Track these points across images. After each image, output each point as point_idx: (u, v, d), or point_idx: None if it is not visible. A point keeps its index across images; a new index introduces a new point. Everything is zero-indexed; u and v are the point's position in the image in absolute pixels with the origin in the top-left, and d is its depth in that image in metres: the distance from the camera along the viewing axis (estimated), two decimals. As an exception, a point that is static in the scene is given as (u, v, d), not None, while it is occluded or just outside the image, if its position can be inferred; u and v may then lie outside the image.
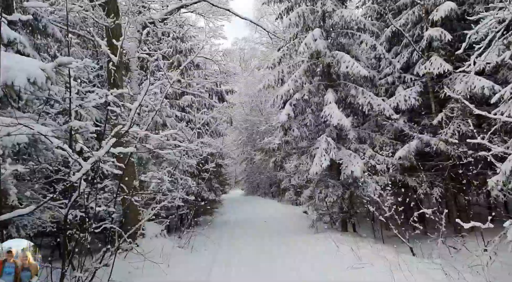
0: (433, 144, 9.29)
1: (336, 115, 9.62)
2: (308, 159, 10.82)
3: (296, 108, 10.67)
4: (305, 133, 10.87)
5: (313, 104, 11.08)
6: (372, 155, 9.95)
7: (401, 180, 9.58)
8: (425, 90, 10.38)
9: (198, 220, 14.41)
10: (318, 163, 9.57)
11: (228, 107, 18.52)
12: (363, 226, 12.28)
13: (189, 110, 12.86)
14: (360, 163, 9.50)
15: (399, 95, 10.28)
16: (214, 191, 15.66)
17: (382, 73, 11.43)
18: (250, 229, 13.21)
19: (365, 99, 10.04)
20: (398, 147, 10.00)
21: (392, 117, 9.83)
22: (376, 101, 9.93)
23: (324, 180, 10.75)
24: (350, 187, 10.18)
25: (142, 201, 9.37)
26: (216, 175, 17.01)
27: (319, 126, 11.08)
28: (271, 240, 10.61)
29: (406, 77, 10.89)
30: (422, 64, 10.15)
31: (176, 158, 9.64)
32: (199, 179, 12.04)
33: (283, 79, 11.32)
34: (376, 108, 9.88)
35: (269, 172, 27.08)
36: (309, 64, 10.86)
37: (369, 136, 10.70)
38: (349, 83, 10.67)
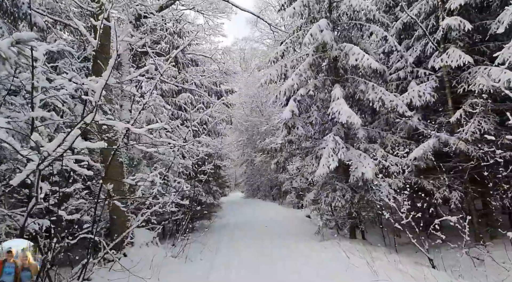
0: (452, 143, 8.37)
1: (345, 111, 8.72)
2: (313, 160, 9.91)
3: (300, 104, 9.75)
4: (310, 131, 9.94)
5: (319, 100, 10.17)
6: (384, 155, 9.03)
7: (416, 183, 8.66)
8: (440, 85, 9.47)
9: (194, 225, 13.47)
10: (325, 164, 8.65)
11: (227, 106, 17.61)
12: (370, 232, 11.35)
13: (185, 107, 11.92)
14: (371, 164, 8.59)
15: (412, 90, 9.38)
16: (213, 194, 14.72)
17: (393, 67, 10.53)
18: (250, 233, 12.28)
19: (376, 94, 9.14)
20: (412, 147, 9.09)
21: (406, 114, 8.92)
22: (388, 96, 9.03)
23: (331, 182, 9.83)
24: (359, 190, 9.26)
25: (132, 206, 8.47)
26: (214, 177, 16.08)
27: (325, 125, 10.17)
28: (272, 244, 9.72)
29: (419, 71, 9.99)
30: (438, 56, 9.27)
31: (169, 158, 8.75)
32: (195, 181, 11.12)
33: (286, 74, 10.42)
34: (388, 105, 8.97)
35: (270, 174, 26.16)
36: (315, 57, 9.96)
37: (380, 135, 9.78)
38: (357, 78, 9.77)
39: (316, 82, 9.78)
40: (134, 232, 8.29)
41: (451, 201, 8.61)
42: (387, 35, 9.68)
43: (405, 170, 8.07)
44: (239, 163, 32.54)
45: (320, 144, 9.79)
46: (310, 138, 10.40)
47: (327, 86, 10.04)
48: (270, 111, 25.87)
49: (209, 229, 13.39)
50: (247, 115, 28.61)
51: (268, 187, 28.41)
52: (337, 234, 11.28)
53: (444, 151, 8.74)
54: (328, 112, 9.43)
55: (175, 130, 10.27)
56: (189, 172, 10.54)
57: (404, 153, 8.17)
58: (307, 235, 11.04)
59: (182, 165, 9.57)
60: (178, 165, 8.55)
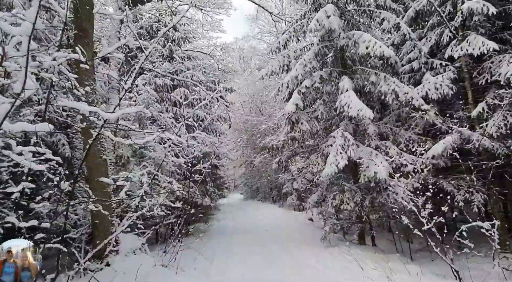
0: (475, 139, 7.44)
1: (355, 104, 7.78)
2: (318, 159, 8.97)
3: (305, 97, 8.81)
4: (316, 127, 9.00)
5: (325, 93, 9.22)
6: (397, 153, 8.10)
7: (435, 183, 7.71)
8: (459, 77, 8.55)
9: (190, 229, 12.50)
10: (333, 163, 7.71)
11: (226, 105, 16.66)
12: (378, 237, 10.34)
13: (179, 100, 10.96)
14: (384, 162, 7.65)
15: (427, 82, 8.45)
16: (210, 196, 13.75)
17: (405, 58, 9.60)
18: (250, 238, 11.32)
19: (389, 86, 8.21)
20: (428, 144, 8.16)
21: (422, 107, 7.99)
22: (403, 88, 8.10)
23: (338, 183, 8.89)
24: (371, 192, 8.31)
25: (118, 209, 7.51)
26: (212, 178, 15.13)
27: (331, 120, 9.22)
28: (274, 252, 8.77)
29: (434, 62, 9.06)
30: (456, 45, 8.35)
31: (159, 156, 7.81)
32: (190, 182, 10.17)
33: (289, 66, 9.49)
34: (402, 97, 8.04)
35: (270, 175, 25.23)
36: (320, 46, 9.04)
37: (392, 132, 8.85)
38: (368, 69, 8.85)
39: (322, 74, 8.85)
40: (120, 239, 7.31)
41: (473, 203, 7.66)
42: (400, 22, 8.76)
43: (424, 170, 7.10)
44: (238, 164, 31.57)
45: (326, 141, 8.86)
46: (315, 135, 9.45)
47: (334, 78, 9.11)
48: (270, 110, 24.97)
49: (206, 234, 12.42)
50: (246, 115, 27.68)
51: (268, 188, 27.47)
52: (343, 239, 10.35)
53: (462, 148, 7.79)
54: (335, 106, 8.51)
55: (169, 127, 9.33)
56: (183, 171, 9.58)
57: (422, 150, 7.22)
58: (312, 240, 10.08)
59: (174, 164, 8.63)
60: (170, 163, 7.59)
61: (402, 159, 7.96)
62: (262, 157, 23.75)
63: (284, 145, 9.68)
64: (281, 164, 10.28)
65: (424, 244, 9.66)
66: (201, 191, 12.70)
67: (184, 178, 10.30)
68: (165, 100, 12.54)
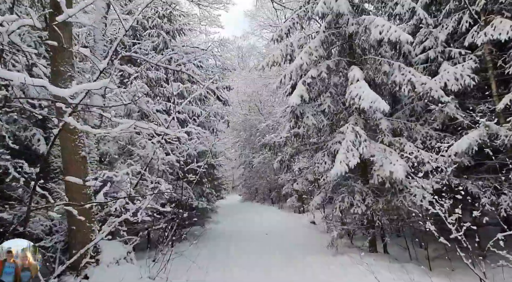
0: (503, 135, 6.53)
1: (367, 95, 6.87)
2: (325, 157, 8.04)
3: (311, 89, 7.89)
4: (323, 122, 8.06)
5: (332, 85, 8.30)
6: (414, 150, 7.19)
7: (457, 184, 6.78)
8: (481, 66, 7.66)
9: (184, 234, 11.53)
10: (344, 161, 6.79)
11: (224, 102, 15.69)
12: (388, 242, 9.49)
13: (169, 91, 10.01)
14: (400, 161, 6.74)
15: (446, 72, 7.55)
16: (206, 197, 12.80)
17: (418, 49, 8.71)
18: (249, 244, 10.38)
19: (404, 76, 7.31)
20: (448, 141, 7.26)
21: (442, 99, 7.08)
22: (420, 78, 7.20)
23: (347, 184, 7.97)
24: (385, 194, 7.39)
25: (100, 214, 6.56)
26: (208, 178, 14.17)
27: (339, 114, 8.30)
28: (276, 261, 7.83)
29: (452, 51, 8.17)
30: (478, 31, 7.48)
31: (148, 153, 6.88)
32: (184, 182, 9.23)
33: (292, 55, 8.58)
34: (419, 89, 7.14)
35: (269, 176, 24.30)
36: (327, 34, 8.14)
37: (406, 127, 7.93)
38: (379, 58, 7.94)
39: (329, 63, 7.94)
40: (101, 247, 6.36)
41: (500, 207, 6.75)
42: (415, 6, 7.86)
43: (446, 168, 6.17)
44: (237, 165, 30.63)
45: (334, 138, 7.95)
46: (321, 131, 8.52)
47: (342, 68, 8.20)
48: (269, 109, 24.06)
49: (201, 239, 11.45)
50: (245, 115, 26.76)
51: (267, 190, 26.52)
52: (350, 245, 9.43)
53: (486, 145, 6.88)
54: (344, 99, 7.60)
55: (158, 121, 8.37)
56: (176, 171, 8.64)
57: (446, 147, 6.31)
58: (317, 247, 9.15)
59: (165, 163, 7.69)
60: (159, 161, 6.64)
61: (420, 157, 7.05)
62: (261, 157, 22.84)
63: (286, 142, 8.75)
64: (283, 163, 9.34)
65: (440, 251, 8.76)
66: (197, 192, 11.75)
67: (178, 179, 9.36)
68: (158, 95, 11.60)
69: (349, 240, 9.67)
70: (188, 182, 9.78)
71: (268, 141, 8.99)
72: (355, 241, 9.71)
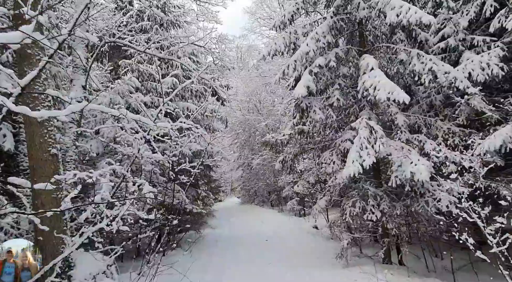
0: (541, 131, 5.60)
1: (384, 85, 5.94)
2: (333, 156, 7.09)
3: (318, 79, 6.95)
4: (331, 117, 7.10)
5: (341, 77, 7.36)
6: (436, 149, 6.24)
7: (488, 187, 5.84)
8: (509, 55, 6.74)
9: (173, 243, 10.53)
10: (357, 160, 5.84)
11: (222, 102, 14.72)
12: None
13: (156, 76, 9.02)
14: (423, 160, 5.79)
15: (470, 62, 6.62)
16: (202, 201, 11.82)
17: (436, 36, 7.79)
18: (247, 253, 9.40)
19: (424, 65, 6.38)
20: (474, 138, 6.33)
21: (468, 91, 6.15)
22: (442, 67, 6.27)
23: (357, 187, 7.02)
24: (403, 198, 6.44)
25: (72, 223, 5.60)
26: (205, 180, 13.19)
27: (349, 109, 7.35)
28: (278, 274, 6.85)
29: (475, 39, 7.26)
30: (507, 15, 6.56)
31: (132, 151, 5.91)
32: (175, 184, 8.28)
33: (296, 43, 7.65)
34: (442, 79, 6.20)
35: (269, 178, 23.30)
36: (335, 19, 7.21)
37: (425, 123, 6.99)
38: (394, 46, 7.02)
39: (338, 51, 7.00)
40: (75, 261, 5.40)
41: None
42: (434, -13, 6.96)
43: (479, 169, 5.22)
44: (236, 167, 29.61)
45: (344, 135, 7.00)
46: (329, 127, 7.57)
47: (352, 57, 7.27)
48: (268, 109, 23.13)
49: (196, 245, 10.47)
50: (244, 115, 25.81)
51: (266, 192, 25.51)
52: (360, 253, 8.47)
53: None
54: (355, 91, 6.69)
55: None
56: (167, 172, 7.66)
57: (478, 144, 5.37)
58: (323, 257, 8.18)
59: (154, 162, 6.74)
60: (142, 160, 5.67)
61: (442, 156, 6.11)
62: (261, 159, 21.87)
63: (290, 140, 7.80)
64: (285, 163, 8.36)
65: (459, 261, 7.82)
66: (192, 195, 10.78)
67: (170, 180, 8.39)
68: (150, 91, 10.64)
69: (357, 248, 8.71)
70: (181, 184, 8.82)
71: (269, 139, 8.03)
72: (365, 249, 8.76)
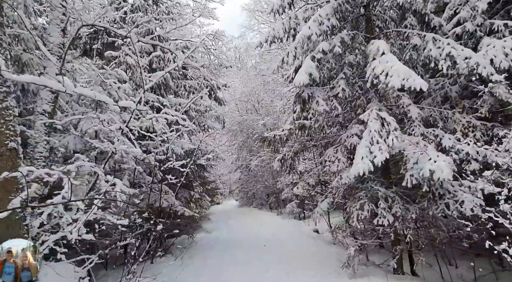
0: None
1: (397, 70, 5.14)
2: (339, 154, 6.28)
3: (321, 66, 6.16)
4: (336, 110, 6.28)
5: (346, 65, 6.56)
6: (455, 144, 5.46)
7: None
8: (535, 40, 5.96)
9: (168, 245, 9.71)
10: (367, 157, 5.04)
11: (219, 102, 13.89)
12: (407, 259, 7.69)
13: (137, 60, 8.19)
14: (443, 157, 4.98)
15: (491, 47, 5.84)
16: (196, 203, 10.99)
17: (451, 22, 7.01)
18: (245, 260, 8.56)
19: (440, 50, 5.60)
20: (497, 132, 5.56)
21: (492, 78, 5.36)
22: (462, 52, 5.49)
23: (366, 187, 6.21)
24: (418, 200, 5.63)
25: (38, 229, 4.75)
26: (200, 181, 12.36)
27: (356, 101, 6.53)
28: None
29: (494, 23, 6.48)
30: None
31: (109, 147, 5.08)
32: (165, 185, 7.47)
33: (296, 29, 6.85)
34: (462, 65, 5.41)
35: (267, 180, 22.47)
36: (340, 2, 6.43)
37: (441, 116, 6.19)
38: (406, 30, 6.23)
39: (343, 36, 6.21)
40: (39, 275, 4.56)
41: None
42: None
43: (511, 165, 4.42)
44: (233, 169, 28.78)
45: (350, 129, 6.20)
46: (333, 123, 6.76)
47: (359, 44, 6.47)
48: (267, 109, 22.35)
49: (189, 251, 9.63)
50: (241, 115, 25.02)
51: (264, 194, 24.67)
52: (366, 261, 7.63)
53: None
54: (362, 82, 5.90)
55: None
56: (154, 171, 6.83)
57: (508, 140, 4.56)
58: (327, 264, 7.35)
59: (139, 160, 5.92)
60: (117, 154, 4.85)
61: (463, 152, 5.32)
62: (259, 160, 21.06)
63: (289, 136, 6.98)
64: (285, 162, 7.54)
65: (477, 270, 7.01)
66: (184, 197, 9.94)
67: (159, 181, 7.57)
68: (140, 86, 9.83)
69: (363, 255, 7.88)
70: (171, 185, 7.99)
71: (267, 134, 7.21)
72: (372, 256, 7.94)
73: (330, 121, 6.83)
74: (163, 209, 7.92)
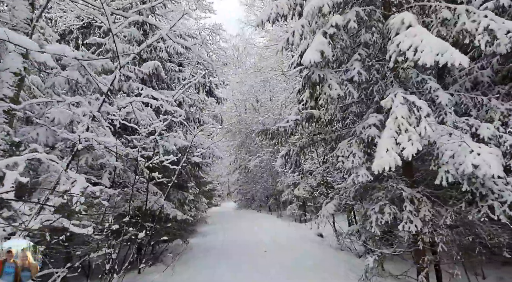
0: None
1: (428, 44, 4.19)
2: (354, 147, 5.29)
3: (334, 44, 5.20)
4: (352, 95, 5.30)
5: (362, 45, 5.59)
6: (494, 135, 4.51)
7: None
8: None
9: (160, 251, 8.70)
10: (393, 149, 4.08)
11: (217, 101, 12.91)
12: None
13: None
14: (486, 148, 4.02)
15: (532, 22, 4.91)
16: (190, 205, 10.00)
17: None
18: (242, 269, 7.57)
19: (476, 24, 4.65)
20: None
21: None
22: (503, 25, 4.53)
23: (386, 187, 5.24)
24: (452, 202, 4.66)
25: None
26: (196, 181, 11.37)
27: (373, 86, 5.57)
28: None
29: (532, -2, 5.56)
30: None
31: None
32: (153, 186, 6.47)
33: (303, 7, 5.89)
34: (503, 40, 4.44)
35: (267, 181, 21.51)
36: (354, -27, 5.49)
37: (474, 103, 5.23)
38: (432, 4, 5.29)
39: (359, 10, 5.26)
40: None
41: None
42: None
43: None
44: (232, 170, 27.83)
45: (367, 118, 5.24)
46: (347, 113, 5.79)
47: (376, 21, 5.51)
48: (265, 108, 21.43)
49: (181, 258, 8.64)
50: (240, 115, 24.08)
51: (264, 196, 23.70)
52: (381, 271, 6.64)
53: None
54: (383, 62, 4.93)
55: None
56: (139, 168, 5.84)
57: None
58: (334, 274, 6.39)
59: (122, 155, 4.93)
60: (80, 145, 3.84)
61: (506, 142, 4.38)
62: (258, 160, 20.11)
63: (295, 128, 6.01)
64: (289, 158, 6.55)
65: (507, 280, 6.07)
66: (177, 199, 8.94)
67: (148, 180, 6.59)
68: (130, 77, 8.86)
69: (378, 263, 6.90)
70: (160, 185, 7.00)
71: (270, 127, 6.23)
72: (386, 264, 6.96)
73: (343, 109, 5.86)
74: (152, 212, 6.94)
